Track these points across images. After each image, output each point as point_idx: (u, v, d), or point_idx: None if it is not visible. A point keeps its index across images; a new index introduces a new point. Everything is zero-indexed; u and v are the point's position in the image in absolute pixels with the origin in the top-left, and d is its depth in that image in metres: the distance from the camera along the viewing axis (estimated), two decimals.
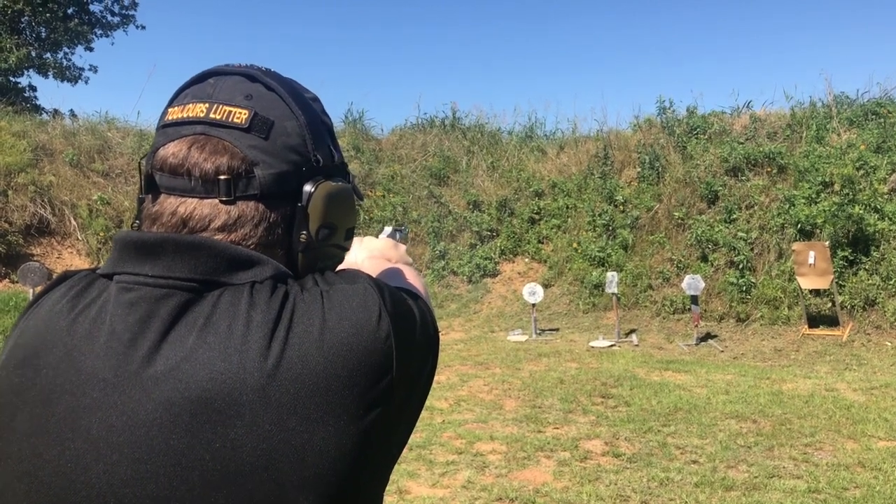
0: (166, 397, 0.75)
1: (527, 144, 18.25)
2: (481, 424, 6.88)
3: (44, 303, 0.86)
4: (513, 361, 9.98)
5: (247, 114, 0.86)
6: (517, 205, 16.33)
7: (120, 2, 23.24)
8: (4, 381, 0.81)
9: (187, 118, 0.87)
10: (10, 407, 0.79)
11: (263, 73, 0.91)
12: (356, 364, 0.79)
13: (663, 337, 11.81)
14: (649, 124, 16.54)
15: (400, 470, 5.60)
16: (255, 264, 0.83)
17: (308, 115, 0.91)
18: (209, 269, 0.81)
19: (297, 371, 0.76)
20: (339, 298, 0.83)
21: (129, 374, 0.76)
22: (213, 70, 0.91)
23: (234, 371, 0.75)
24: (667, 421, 6.85)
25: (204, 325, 0.78)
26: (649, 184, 15.06)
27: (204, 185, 0.84)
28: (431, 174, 17.22)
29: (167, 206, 0.85)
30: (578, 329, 12.62)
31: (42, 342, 0.81)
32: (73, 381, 0.77)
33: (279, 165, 0.87)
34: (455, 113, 19.77)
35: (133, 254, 0.82)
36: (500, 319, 13.72)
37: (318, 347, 0.78)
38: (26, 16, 20.79)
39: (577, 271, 14.23)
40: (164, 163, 0.86)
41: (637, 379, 8.65)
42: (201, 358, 0.76)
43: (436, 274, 15.52)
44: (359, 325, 0.81)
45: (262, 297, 0.80)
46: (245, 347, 0.76)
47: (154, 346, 0.77)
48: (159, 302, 0.79)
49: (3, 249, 12.89)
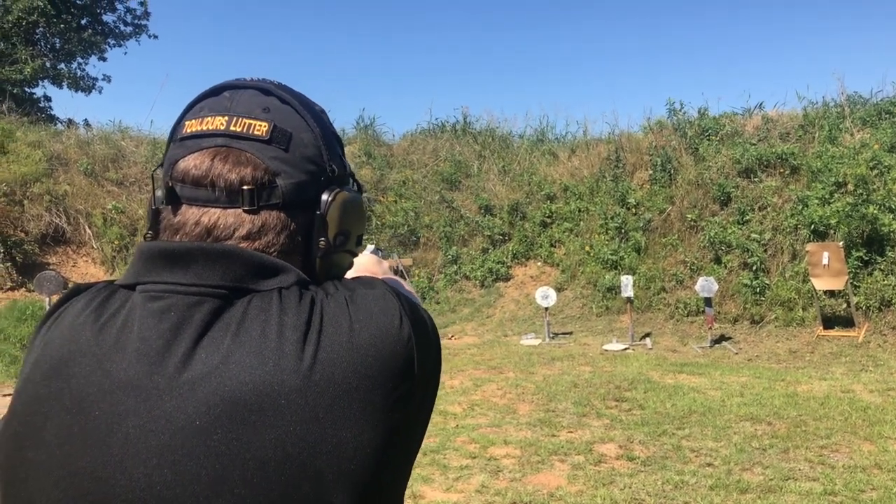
0: (205, 399, 0.77)
1: (538, 148, 18.25)
2: (495, 429, 6.88)
3: (65, 315, 0.87)
4: (526, 365, 9.97)
5: (267, 126, 0.89)
6: (529, 208, 16.33)
7: (132, 12, 23.44)
8: (31, 392, 0.82)
9: (207, 131, 0.89)
10: (39, 417, 0.80)
11: (276, 87, 0.94)
12: (383, 365, 0.82)
13: (677, 339, 11.78)
14: (660, 126, 16.50)
15: (414, 475, 5.62)
16: (281, 271, 0.86)
17: (321, 126, 0.95)
18: (238, 276, 0.84)
19: (330, 372, 0.79)
20: (362, 303, 0.86)
21: (165, 380, 0.78)
22: (226, 84, 0.94)
23: (271, 373, 0.78)
24: (681, 424, 6.83)
25: (237, 329, 0.80)
26: (661, 186, 15.02)
27: (228, 195, 0.87)
28: (443, 179, 17.24)
29: (190, 217, 0.88)
30: (592, 332, 12.60)
31: (69, 353, 0.82)
32: (105, 389, 0.79)
33: (299, 175, 0.90)
34: (466, 118, 19.85)
35: (160, 263, 0.84)
36: (513, 323, 13.72)
37: (348, 350, 0.81)
38: (41, 27, 20.96)
39: (589, 274, 14.21)
40: (187, 174, 0.88)
41: (651, 382, 8.63)
42: (238, 361, 0.78)
43: (448, 279, 15.54)
44: (383, 328, 0.84)
45: (292, 303, 0.83)
46: (280, 350, 0.79)
47: (188, 351, 0.79)
48: (191, 309, 0.81)
49: (20, 258, 13.00)
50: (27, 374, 0.84)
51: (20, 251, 13.07)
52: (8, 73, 19.80)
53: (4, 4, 20.02)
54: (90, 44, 22.28)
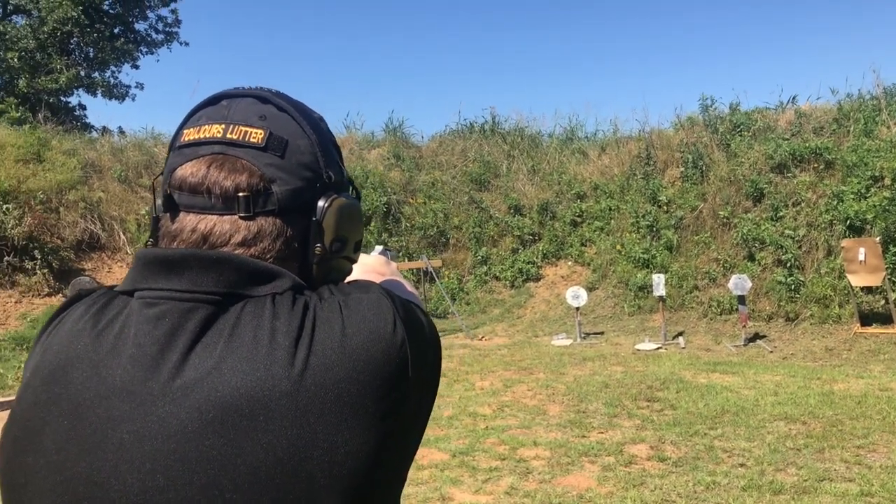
0: (198, 405, 0.77)
1: (567, 147, 18.16)
2: (525, 430, 6.85)
3: (65, 321, 0.88)
4: (557, 366, 9.92)
5: (262, 133, 0.90)
6: (559, 208, 16.25)
7: (164, 20, 23.79)
8: (31, 397, 0.83)
9: (204, 139, 0.90)
10: (38, 422, 0.81)
11: (274, 95, 0.95)
12: (376, 369, 0.82)
13: (710, 338, 11.63)
14: (692, 123, 16.33)
15: (443, 477, 5.61)
16: (275, 277, 0.86)
17: (318, 133, 0.95)
18: (232, 282, 0.84)
19: (322, 377, 0.79)
20: (355, 307, 0.86)
21: (159, 385, 0.78)
22: (224, 93, 0.95)
23: (262, 377, 0.78)
24: (714, 424, 6.74)
25: (230, 335, 0.81)
26: (693, 183, 14.86)
27: (224, 202, 0.87)
28: (472, 179, 17.22)
29: (187, 224, 0.88)
30: (624, 332, 12.50)
31: (67, 358, 0.83)
32: (101, 394, 0.79)
33: (294, 182, 0.91)
34: (495, 118, 19.80)
35: (156, 270, 0.85)
36: (543, 324, 13.66)
37: (340, 354, 0.81)
38: (75, 37, 21.34)
39: (621, 273, 14.10)
40: (184, 182, 0.89)
41: (683, 381, 8.53)
42: (230, 366, 0.78)
43: (478, 279, 15.52)
44: (376, 332, 0.84)
45: (284, 308, 0.83)
46: (272, 355, 0.79)
47: (182, 357, 0.79)
48: (186, 315, 0.82)
49: (56, 265, 13.21)
50: (27, 380, 0.85)
51: (56, 258, 13.29)
52: (44, 82, 20.19)
53: (40, 16, 20.40)
54: (123, 52, 22.64)
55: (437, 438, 6.65)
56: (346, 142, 18.05)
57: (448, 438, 6.64)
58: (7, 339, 10.90)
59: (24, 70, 20.10)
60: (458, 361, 10.53)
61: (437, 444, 6.45)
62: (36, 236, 13.13)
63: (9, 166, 13.72)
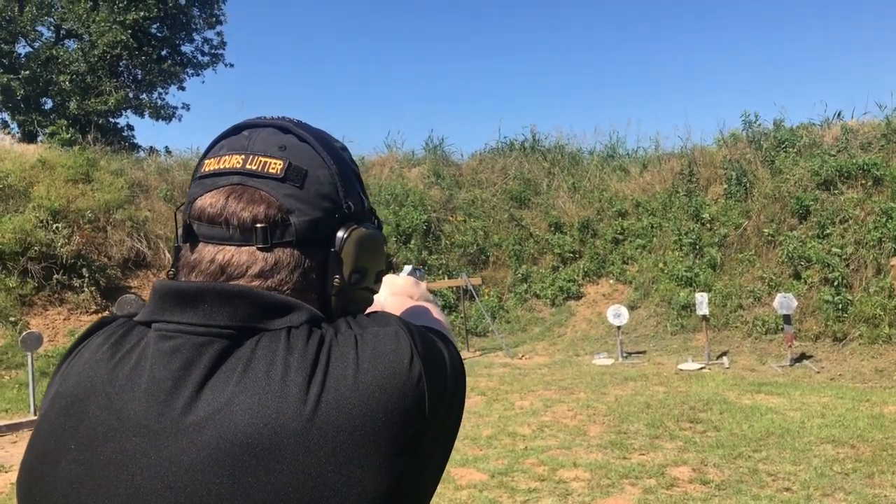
0: (208, 442, 0.76)
1: (608, 164, 18.06)
2: (565, 451, 6.78)
3: (83, 350, 0.88)
4: (598, 386, 9.81)
5: (282, 164, 0.89)
6: (600, 225, 16.14)
7: (209, 42, 24.27)
8: (47, 428, 0.83)
9: (224, 169, 0.89)
10: (55, 453, 0.81)
11: (295, 125, 0.94)
12: (390, 406, 0.80)
13: (755, 358, 11.42)
14: (735, 139, 16.13)
15: (482, 497, 5.57)
16: (292, 310, 0.85)
17: (338, 163, 0.94)
18: (247, 316, 0.83)
19: (335, 415, 0.78)
20: (372, 341, 0.84)
21: (170, 421, 0.78)
22: (246, 123, 0.95)
23: (273, 416, 0.77)
24: (758, 446, 6.60)
25: (243, 371, 0.80)
26: (737, 200, 14.66)
27: (242, 233, 0.87)
28: (512, 197, 17.20)
29: (205, 254, 0.88)
30: (666, 351, 12.33)
31: (83, 390, 0.83)
32: (115, 427, 0.79)
33: (313, 213, 0.90)
34: (535, 135, 19.79)
35: (172, 302, 0.85)
36: (584, 343, 13.54)
37: (354, 390, 0.79)
38: (124, 60, 21.86)
39: (663, 292, 13.93)
40: (203, 213, 0.88)
41: (727, 402, 8.38)
42: (241, 403, 0.77)
43: (518, 297, 15.45)
44: (391, 368, 0.82)
45: (299, 343, 0.82)
46: (284, 392, 0.78)
47: (195, 392, 0.79)
48: (200, 349, 0.81)
49: (103, 282, 13.49)
50: (46, 409, 0.85)
51: (104, 275, 13.57)
52: (94, 104, 20.70)
53: (91, 40, 20.95)
54: (170, 74, 23.13)
55: (475, 458, 6.62)
56: (387, 160, 18.19)
57: (487, 458, 6.60)
58: (56, 355, 11.13)
59: (76, 92, 20.64)
60: (498, 380, 10.48)
61: (475, 464, 6.41)
62: (84, 254, 13.43)
63: (59, 186, 14.07)
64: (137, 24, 21.17)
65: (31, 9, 20.58)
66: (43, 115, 20.65)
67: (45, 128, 19.02)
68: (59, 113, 20.69)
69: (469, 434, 7.52)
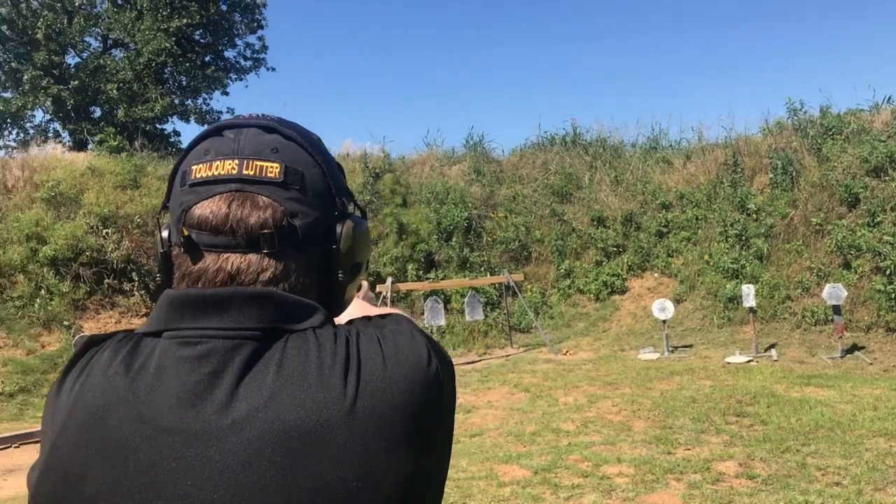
0: (252, 440, 0.78)
1: (651, 156, 17.86)
2: (609, 446, 6.74)
3: (93, 366, 0.87)
4: (643, 380, 9.73)
5: (279, 167, 0.90)
6: (644, 218, 15.98)
7: (251, 47, 24.55)
8: (68, 445, 0.82)
9: (218, 176, 0.89)
10: (78, 469, 0.81)
11: (277, 123, 0.95)
12: (417, 397, 0.85)
13: (805, 350, 11.20)
14: (780, 127, 15.83)
15: (524, 494, 5.57)
16: (314, 311, 0.88)
17: (325, 160, 0.96)
18: (275, 318, 0.85)
19: (372, 406, 0.81)
20: (392, 339, 0.88)
21: (209, 423, 0.79)
22: (226, 123, 0.95)
23: (318, 407, 0.80)
24: (807, 440, 6.48)
25: (278, 369, 0.82)
26: (783, 189, 14.38)
27: (248, 240, 0.88)
28: (553, 192, 17.11)
29: (210, 264, 0.88)
30: (713, 345, 12.17)
31: (105, 404, 0.82)
32: (147, 436, 0.80)
33: (313, 213, 0.92)
34: (576, 129, 19.66)
35: (194, 310, 0.86)
36: (630, 337, 13.43)
37: (386, 382, 0.83)
38: (169, 67, 22.23)
39: (709, 284, 13.75)
40: (204, 221, 0.88)
41: (775, 395, 8.24)
42: (284, 398, 0.80)
43: (562, 293, 15.37)
44: (414, 363, 0.87)
45: (328, 341, 0.85)
46: (324, 385, 0.81)
47: (230, 393, 0.80)
48: (231, 352, 0.83)
49: (152, 286, 13.77)
50: (60, 428, 0.84)
51: (152, 279, 13.84)
52: (140, 111, 21.11)
53: (137, 48, 21.37)
54: (213, 79, 23.47)
55: (518, 455, 6.62)
56: (427, 159, 18.22)
57: (530, 455, 6.60)
58: None
59: (123, 100, 21.06)
60: (542, 377, 10.46)
61: (518, 461, 6.41)
62: (133, 259, 13.73)
63: (108, 192, 14.40)
64: (181, 32, 21.52)
65: (80, 20, 21.06)
66: (92, 124, 21.10)
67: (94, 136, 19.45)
68: (107, 121, 21.14)
69: (513, 430, 7.52)
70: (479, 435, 7.47)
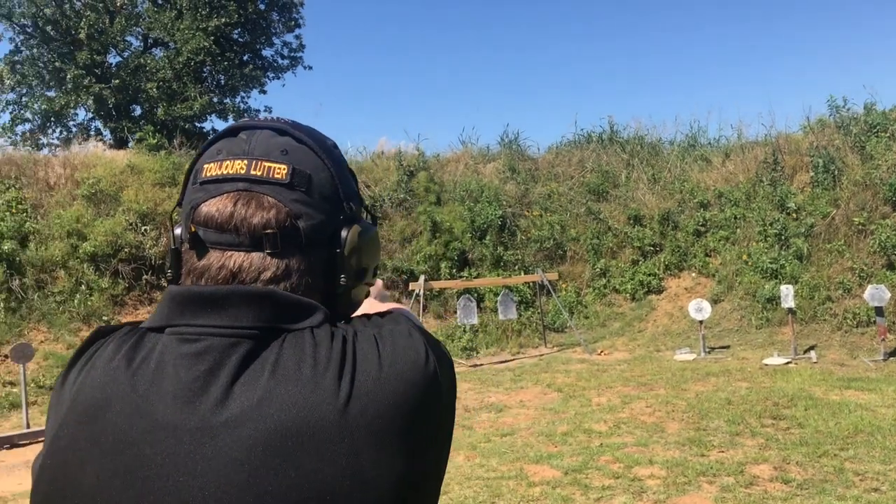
0: (245, 438, 0.78)
1: (689, 154, 17.63)
2: (641, 448, 6.66)
3: (96, 359, 0.88)
4: (678, 382, 9.60)
5: (286, 169, 0.90)
6: (681, 217, 15.78)
7: (289, 45, 24.74)
8: (68, 437, 0.83)
9: (228, 175, 0.90)
10: (77, 461, 0.82)
11: (291, 126, 0.95)
12: (413, 398, 0.84)
13: (846, 352, 10.96)
14: (822, 125, 15.53)
15: (554, 494, 5.53)
16: (313, 311, 0.88)
17: (336, 164, 0.96)
18: (272, 317, 0.85)
19: (366, 406, 0.81)
20: (389, 339, 0.88)
21: (204, 419, 0.80)
22: (241, 125, 0.96)
23: (310, 407, 0.80)
24: (845, 444, 6.33)
25: (273, 368, 0.82)
26: (824, 188, 14.10)
27: (252, 239, 0.88)
28: (589, 190, 16.96)
29: (214, 261, 0.89)
30: (751, 346, 11.97)
31: (104, 397, 0.83)
32: (144, 430, 0.80)
33: (318, 216, 0.92)
34: (613, 126, 19.48)
35: (193, 307, 0.86)
36: (666, 338, 13.27)
37: (380, 383, 0.83)
38: (207, 65, 22.50)
39: (748, 285, 13.53)
40: (210, 219, 0.89)
41: (813, 398, 8.07)
42: (277, 397, 0.80)
43: (597, 292, 15.24)
44: (411, 362, 0.86)
45: (324, 341, 0.85)
46: (318, 386, 0.81)
47: (225, 391, 0.81)
48: (228, 350, 0.83)
49: None
50: (62, 419, 0.85)
51: None
52: (180, 110, 21.39)
53: (176, 48, 21.66)
54: (251, 78, 23.69)
55: (549, 455, 6.57)
56: (462, 157, 18.17)
57: (561, 455, 6.54)
58: None
59: (162, 99, 21.36)
60: (576, 377, 10.37)
61: (549, 461, 6.36)
62: None
63: (147, 190, 14.60)
64: (219, 31, 21.75)
65: (121, 20, 21.39)
66: (132, 122, 21.42)
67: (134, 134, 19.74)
68: (147, 119, 21.45)
69: (544, 430, 7.46)
70: (511, 434, 7.43)
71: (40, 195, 13.82)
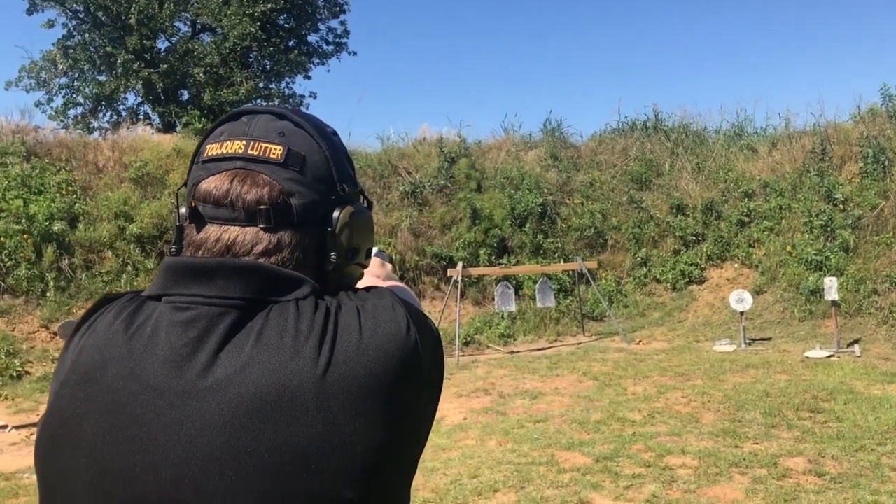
0: (228, 402, 0.84)
1: (735, 143, 17.35)
2: (674, 437, 6.63)
3: (97, 324, 0.95)
4: (717, 373, 9.51)
5: (282, 149, 0.96)
6: (725, 207, 15.57)
7: (333, 31, 24.86)
8: (68, 396, 0.90)
9: (226, 154, 0.96)
10: (76, 419, 0.88)
11: (291, 111, 1.01)
12: (392, 369, 0.88)
13: (891, 347, 10.74)
14: (873, 114, 15.16)
15: (584, 481, 5.55)
16: (299, 284, 0.93)
17: (332, 148, 1.02)
18: (260, 289, 0.91)
19: (343, 374, 0.85)
20: (372, 311, 0.92)
21: (190, 384, 0.85)
22: (244, 109, 1.02)
23: (289, 375, 0.84)
24: (883, 439, 6.24)
25: (257, 337, 0.87)
26: (874, 179, 13.79)
27: (246, 214, 0.94)
28: (632, 179, 16.80)
29: (211, 234, 0.95)
30: (793, 339, 11.79)
31: (102, 359, 0.89)
32: (135, 392, 0.86)
33: (311, 195, 0.97)
34: (657, 114, 19.22)
35: (187, 277, 0.92)
36: (706, 328, 13.13)
37: (360, 353, 0.87)
38: (254, 51, 22.72)
39: (791, 276, 13.31)
40: (208, 195, 0.95)
41: (854, 392, 7.94)
42: (259, 365, 0.85)
43: (637, 281, 15.13)
44: (392, 335, 0.90)
45: (308, 312, 0.89)
46: (298, 354, 0.85)
47: (212, 357, 0.86)
48: (216, 319, 0.88)
49: None
50: (63, 379, 0.92)
51: None
52: (226, 95, 21.64)
53: (223, 33, 21.92)
54: (296, 64, 23.85)
55: (581, 442, 6.58)
56: (504, 143, 18.10)
57: (593, 443, 6.55)
58: None
59: (209, 84, 21.64)
60: (612, 365, 10.34)
61: (580, 448, 6.38)
62: None
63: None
64: (265, 16, 21.93)
65: (170, 6, 21.70)
66: (180, 107, 21.74)
67: (181, 118, 20.06)
68: (194, 104, 21.77)
69: (577, 418, 7.47)
70: (544, 421, 7.45)
71: (89, 177, 14.14)
